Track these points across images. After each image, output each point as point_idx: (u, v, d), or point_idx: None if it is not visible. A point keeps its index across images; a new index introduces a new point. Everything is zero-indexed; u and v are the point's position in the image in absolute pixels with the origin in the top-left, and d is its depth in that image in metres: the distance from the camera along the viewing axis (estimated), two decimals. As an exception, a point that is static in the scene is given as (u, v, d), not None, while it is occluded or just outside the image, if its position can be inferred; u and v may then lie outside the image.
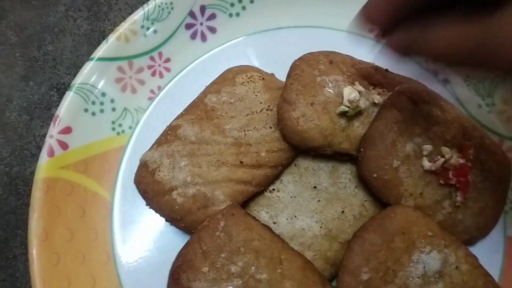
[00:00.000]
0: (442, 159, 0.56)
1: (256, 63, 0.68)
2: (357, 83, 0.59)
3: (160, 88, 0.69)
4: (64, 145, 0.63)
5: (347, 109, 0.57)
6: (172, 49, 0.69)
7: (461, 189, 0.56)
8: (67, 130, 0.63)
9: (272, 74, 0.66)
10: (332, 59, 0.61)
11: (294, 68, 0.60)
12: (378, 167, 0.55)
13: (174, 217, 0.59)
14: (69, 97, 0.64)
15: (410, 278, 0.52)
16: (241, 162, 0.59)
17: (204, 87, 0.65)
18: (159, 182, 0.59)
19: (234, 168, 0.59)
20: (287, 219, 0.59)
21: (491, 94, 0.67)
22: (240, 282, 0.52)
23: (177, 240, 0.61)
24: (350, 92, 0.57)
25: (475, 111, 0.67)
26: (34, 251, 0.58)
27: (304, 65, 0.60)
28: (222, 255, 0.53)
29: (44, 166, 0.61)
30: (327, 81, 0.59)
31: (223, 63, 0.68)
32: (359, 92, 0.58)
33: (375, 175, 0.56)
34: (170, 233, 0.63)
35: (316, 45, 0.64)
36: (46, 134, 0.66)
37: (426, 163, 0.56)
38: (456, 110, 0.60)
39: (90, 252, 0.62)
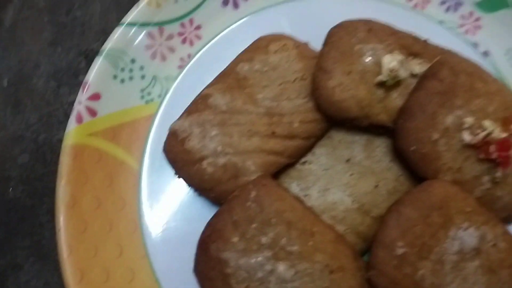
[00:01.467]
0: (484, 133, 0.53)
1: (289, 32, 0.65)
2: (395, 52, 0.57)
3: (190, 56, 0.67)
4: (92, 112, 0.62)
5: (386, 78, 0.55)
6: (203, 16, 0.68)
7: (502, 164, 0.54)
8: (96, 97, 0.62)
9: (306, 42, 0.64)
10: (371, 27, 0.58)
11: (332, 35, 0.58)
12: (417, 140, 0.53)
13: (203, 187, 0.57)
14: (98, 62, 0.63)
15: (446, 254, 0.50)
16: (273, 132, 0.57)
17: (236, 56, 0.63)
18: (189, 151, 0.58)
19: (266, 138, 0.57)
20: (319, 192, 0.58)
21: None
22: (271, 253, 0.51)
23: (205, 211, 0.60)
24: (390, 61, 0.55)
25: (516, 86, 0.65)
26: (62, 218, 0.58)
27: (342, 32, 0.58)
28: (253, 225, 0.52)
29: (72, 133, 0.61)
30: (366, 49, 0.57)
31: (255, 31, 0.65)
32: (399, 61, 0.55)
33: (413, 148, 0.53)
34: (198, 203, 0.62)
35: (351, 14, 0.62)
36: (73, 101, 0.65)
37: (467, 137, 0.53)
38: (499, 84, 0.57)
39: (117, 220, 0.61)
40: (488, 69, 0.61)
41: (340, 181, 0.58)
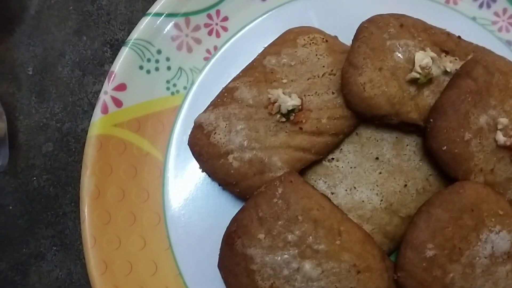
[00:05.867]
0: (519, 134, 0.52)
1: (317, 25, 0.64)
2: (428, 49, 0.56)
3: (216, 48, 0.66)
4: (118, 102, 0.61)
5: (418, 75, 0.53)
6: (230, 7, 0.67)
7: (536, 167, 0.53)
8: (121, 87, 0.62)
9: (335, 36, 0.62)
10: (402, 23, 0.57)
11: (362, 30, 0.57)
12: (449, 140, 0.52)
13: (228, 181, 0.57)
14: (125, 52, 0.62)
15: (477, 258, 0.49)
16: (301, 128, 0.56)
17: (263, 48, 0.63)
18: (215, 145, 0.57)
19: (293, 134, 0.56)
20: (346, 190, 0.57)
21: None
22: (297, 251, 0.50)
23: (229, 205, 0.60)
24: (423, 58, 0.53)
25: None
26: (86, 209, 0.58)
27: (373, 28, 0.56)
28: (279, 222, 0.51)
29: (97, 123, 0.60)
30: (397, 45, 0.55)
31: (282, 24, 0.64)
32: (432, 58, 0.54)
33: (445, 147, 0.52)
34: (222, 197, 0.61)
35: (381, 8, 0.60)
36: (98, 91, 0.65)
37: (501, 138, 0.52)
38: (535, 83, 0.56)
39: (141, 212, 0.61)
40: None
41: (368, 180, 0.57)
